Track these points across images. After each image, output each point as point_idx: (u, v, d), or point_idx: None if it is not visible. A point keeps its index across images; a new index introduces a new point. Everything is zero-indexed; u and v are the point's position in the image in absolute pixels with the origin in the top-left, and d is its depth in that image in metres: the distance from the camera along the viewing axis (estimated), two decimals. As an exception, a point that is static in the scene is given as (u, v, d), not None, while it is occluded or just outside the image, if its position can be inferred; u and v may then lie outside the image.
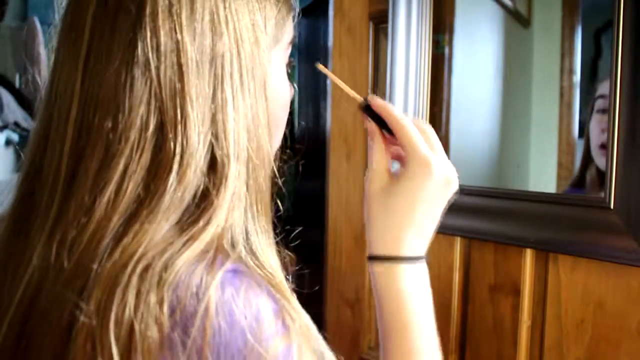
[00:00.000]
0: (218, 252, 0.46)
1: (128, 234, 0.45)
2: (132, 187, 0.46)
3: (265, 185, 0.52)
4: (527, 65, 0.99)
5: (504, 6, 1.03)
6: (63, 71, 0.50)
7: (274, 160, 0.57)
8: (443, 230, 1.01)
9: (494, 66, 1.05)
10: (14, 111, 2.83)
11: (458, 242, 0.99)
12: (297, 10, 0.60)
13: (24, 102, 3.03)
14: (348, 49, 1.21)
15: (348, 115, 1.22)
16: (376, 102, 0.62)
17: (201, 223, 0.46)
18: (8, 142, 2.85)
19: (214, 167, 0.47)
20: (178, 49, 0.46)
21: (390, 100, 1.08)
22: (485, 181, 1.02)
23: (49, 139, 0.50)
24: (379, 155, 0.60)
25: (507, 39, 1.04)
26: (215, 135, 0.47)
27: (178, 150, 0.46)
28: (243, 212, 0.49)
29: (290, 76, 0.62)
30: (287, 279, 0.50)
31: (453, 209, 1.01)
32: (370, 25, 1.16)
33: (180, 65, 0.46)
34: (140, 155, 0.46)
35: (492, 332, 0.93)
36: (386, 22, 1.08)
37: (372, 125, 0.61)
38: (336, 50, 1.24)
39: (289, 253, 0.57)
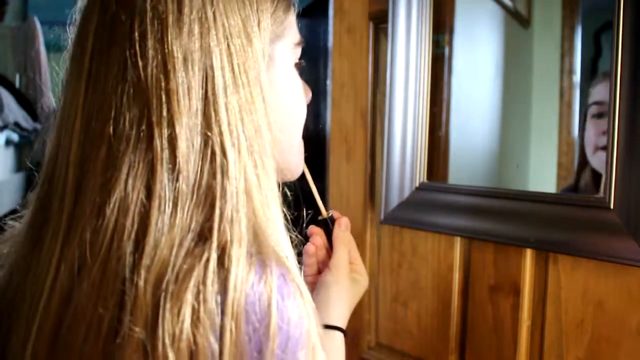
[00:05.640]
0: (258, 252, 0.47)
1: (148, 240, 0.46)
2: (136, 186, 0.47)
3: (272, 174, 0.53)
4: (527, 65, 0.99)
5: (504, 6, 1.03)
6: (70, 85, 0.53)
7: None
8: (443, 230, 1.01)
9: (494, 66, 1.05)
10: (14, 111, 2.83)
11: (458, 242, 0.99)
12: (297, 7, 0.62)
13: (24, 102, 3.03)
14: (348, 49, 1.21)
15: (348, 115, 1.22)
16: (342, 218, 0.78)
17: (216, 217, 0.47)
18: (8, 142, 2.85)
19: (214, 158, 0.49)
20: (164, 50, 0.48)
21: (390, 100, 1.08)
22: (485, 181, 1.02)
23: (59, 150, 0.52)
24: (344, 252, 0.76)
25: (507, 39, 1.04)
26: (209, 127, 0.49)
27: (165, 145, 0.48)
28: (256, 200, 0.50)
29: (303, 78, 0.65)
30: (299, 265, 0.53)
31: (453, 209, 1.01)
32: (370, 25, 1.16)
33: (165, 64, 0.48)
34: (137, 155, 0.48)
35: (492, 332, 0.93)
36: (386, 22, 1.08)
37: (319, 239, 0.77)
38: (336, 50, 1.24)
39: (299, 236, 0.58)
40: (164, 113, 0.48)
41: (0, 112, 2.70)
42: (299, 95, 0.62)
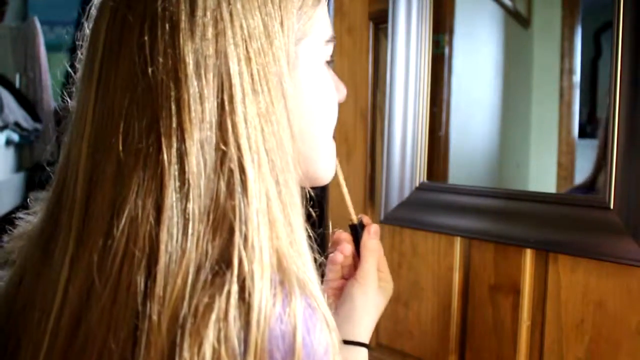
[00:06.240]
0: (282, 281, 0.43)
1: (159, 267, 0.42)
2: (146, 206, 0.44)
3: (295, 189, 0.48)
4: (527, 65, 0.99)
5: (504, 6, 1.03)
6: (81, 90, 0.50)
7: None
8: (443, 230, 1.01)
9: (494, 66, 1.05)
10: (14, 111, 2.83)
11: (458, 242, 0.99)
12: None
13: (24, 102, 3.03)
14: (348, 49, 1.22)
15: (348, 115, 1.22)
16: (372, 225, 0.74)
17: (236, 244, 0.43)
18: (8, 142, 2.85)
19: (231, 176, 0.44)
20: (175, 55, 0.44)
21: (390, 100, 1.08)
22: (485, 181, 1.02)
23: (69, 159, 0.50)
24: (373, 262, 0.72)
25: (507, 39, 1.04)
26: (225, 141, 0.44)
27: (174, 160, 0.44)
28: (279, 222, 0.46)
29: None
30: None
31: (453, 209, 1.01)
32: (370, 25, 1.16)
33: (175, 71, 0.44)
34: (146, 171, 0.44)
35: (492, 332, 0.93)
36: (386, 22, 1.08)
37: (348, 248, 0.73)
38: (336, 50, 1.24)
39: (322, 258, 0.55)
40: (174, 125, 0.44)
41: (0, 112, 2.70)
42: (329, 97, 0.57)
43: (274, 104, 0.47)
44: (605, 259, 0.77)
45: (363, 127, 1.19)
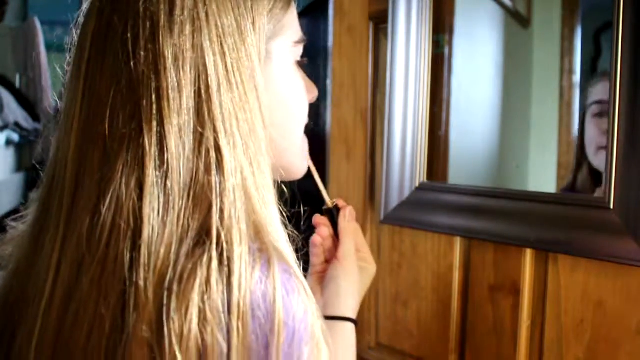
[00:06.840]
0: (260, 249, 0.47)
1: (143, 238, 0.46)
2: (130, 184, 0.48)
3: (267, 172, 0.53)
4: (527, 65, 0.99)
5: (503, 6, 1.03)
6: (70, 88, 0.54)
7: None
8: (443, 230, 1.01)
9: (494, 66, 1.05)
10: (14, 111, 2.84)
11: (458, 242, 0.99)
12: (299, 4, 0.62)
13: (24, 102, 3.04)
14: (348, 49, 1.22)
15: (348, 115, 1.22)
16: (348, 209, 0.77)
17: (214, 215, 0.47)
18: (8, 142, 2.85)
19: (208, 155, 0.49)
20: (155, 49, 0.49)
21: (390, 100, 1.08)
22: (485, 181, 1.02)
23: (59, 152, 0.53)
24: (351, 243, 0.75)
25: (507, 39, 1.04)
26: (202, 125, 0.49)
27: (154, 142, 0.48)
28: (255, 198, 0.50)
29: (312, 76, 0.65)
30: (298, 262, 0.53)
31: (453, 209, 1.01)
32: (370, 25, 1.16)
33: (155, 63, 0.49)
34: (130, 154, 0.48)
35: (492, 332, 0.94)
36: (386, 22, 1.08)
37: (325, 230, 0.77)
38: (336, 50, 1.24)
39: (296, 233, 0.59)
40: (154, 111, 0.48)
41: (0, 112, 2.70)
42: (298, 94, 0.62)
43: (247, 95, 0.52)
44: (605, 259, 0.77)
45: (363, 127, 1.19)
